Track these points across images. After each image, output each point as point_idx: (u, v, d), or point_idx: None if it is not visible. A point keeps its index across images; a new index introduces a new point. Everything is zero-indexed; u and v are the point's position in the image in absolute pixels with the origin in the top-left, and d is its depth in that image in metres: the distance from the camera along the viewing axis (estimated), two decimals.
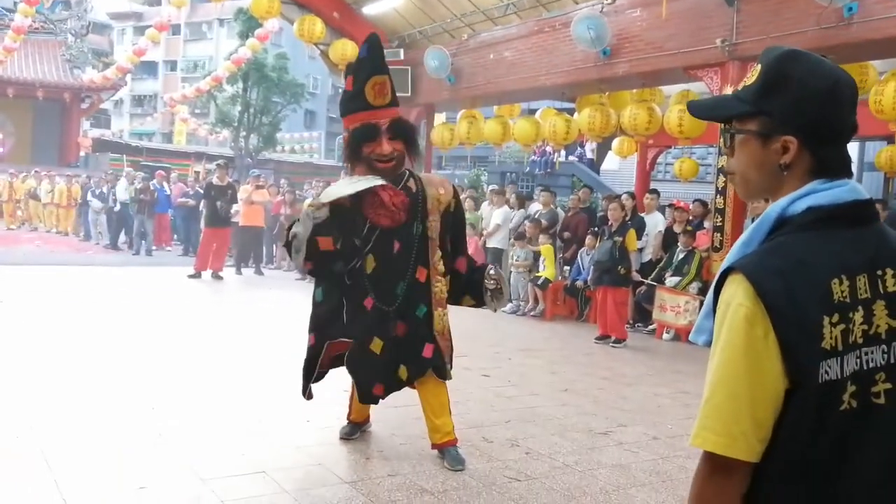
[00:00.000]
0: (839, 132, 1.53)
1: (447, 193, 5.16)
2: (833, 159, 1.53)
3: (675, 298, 10.35)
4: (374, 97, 4.85)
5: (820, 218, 1.47)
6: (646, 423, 6.20)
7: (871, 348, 1.44)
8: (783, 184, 1.55)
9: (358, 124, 4.87)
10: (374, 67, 4.87)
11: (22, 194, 25.99)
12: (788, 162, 1.53)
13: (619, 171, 28.44)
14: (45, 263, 15.87)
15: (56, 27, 35.58)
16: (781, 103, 1.53)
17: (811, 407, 1.37)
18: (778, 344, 1.37)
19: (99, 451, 4.78)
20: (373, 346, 4.88)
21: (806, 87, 1.51)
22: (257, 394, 6.41)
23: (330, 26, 16.56)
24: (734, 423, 1.38)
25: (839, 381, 1.39)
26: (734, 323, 1.40)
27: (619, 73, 12.02)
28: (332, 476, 4.65)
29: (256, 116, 35.83)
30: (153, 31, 25.32)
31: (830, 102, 1.51)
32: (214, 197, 14.69)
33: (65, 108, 35.44)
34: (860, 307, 1.43)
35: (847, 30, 8.92)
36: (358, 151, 4.86)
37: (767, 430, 1.39)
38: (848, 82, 1.53)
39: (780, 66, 1.55)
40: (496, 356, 8.50)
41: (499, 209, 13.42)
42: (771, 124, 1.55)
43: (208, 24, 54.77)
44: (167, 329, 9.18)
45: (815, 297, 1.39)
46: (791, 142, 1.52)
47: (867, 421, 1.42)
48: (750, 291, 1.39)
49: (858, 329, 1.42)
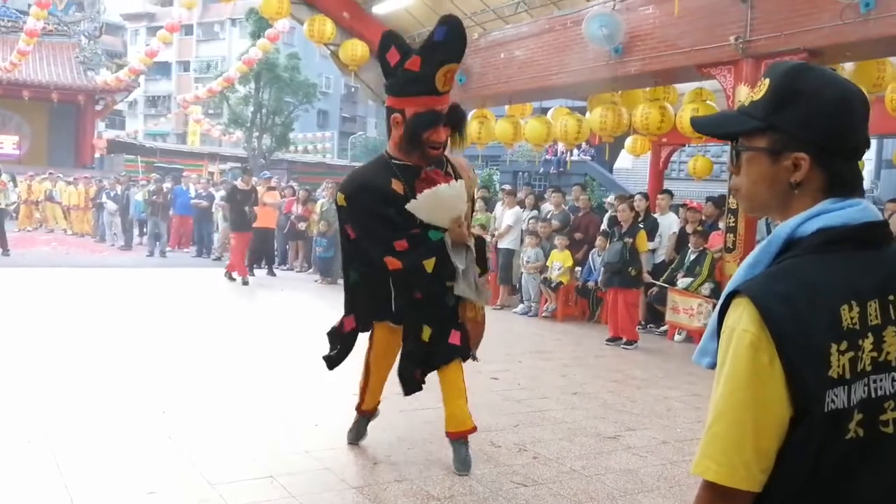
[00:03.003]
0: (853, 147, 1.48)
1: (474, 180, 5.17)
2: (846, 176, 1.48)
3: (687, 301, 10.28)
4: (444, 84, 4.71)
5: (831, 240, 1.43)
6: (655, 427, 6.17)
7: (881, 376, 1.39)
8: (793, 202, 1.50)
9: (422, 109, 4.70)
10: (453, 53, 4.70)
11: (39, 196, 26.15)
12: (800, 180, 1.48)
13: (632, 170, 28.33)
14: (60, 265, 15.98)
15: (69, 29, 35.77)
16: (792, 118, 1.48)
17: (816, 436, 1.33)
18: (783, 372, 1.33)
19: (109, 455, 4.80)
20: (423, 335, 4.88)
21: (818, 101, 1.46)
22: (266, 397, 6.42)
23: (340, 26, 16.55)
24: (736, 452, 1.35)
25: (846, 409, 1.35)
26: (739, 349, 1.36)
27: (631, 71, 11.94)
28: (339, 481, 4.64)
29: (269, 117, 35.97)
30: (165, 32, 25.37)
31: (844, 117, 1.46)
32: (241, 201, 14.55)
33: (79, 110, 35.69)
34: (870, 334, 1.38)
35: (864, 26, 8.82)
36: (419, 137, 4.70)
37: (770, 459, 1.35)
38: (860, 96, 1.49)
39: (791, 80, 1.50)
40: (506, 358, 8.46)
41: (510, 210, 13.38)
42: (781, 140, 1.49)
43: (220, 25, 54.92)
44: (178, 331, 9.21)
45: (824, 324, 1.35)
46: (803, 158, 1.47)
47: (874, 450, 1.38)
48: (755, 317, 1.35)
49: (868, 356, 1.38)
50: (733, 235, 9.88)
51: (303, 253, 17.77)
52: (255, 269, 16.02)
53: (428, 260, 4.68)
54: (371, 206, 4.76)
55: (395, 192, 4.74)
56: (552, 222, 12.77)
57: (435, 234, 4.75)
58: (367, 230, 4.82)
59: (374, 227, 4.78)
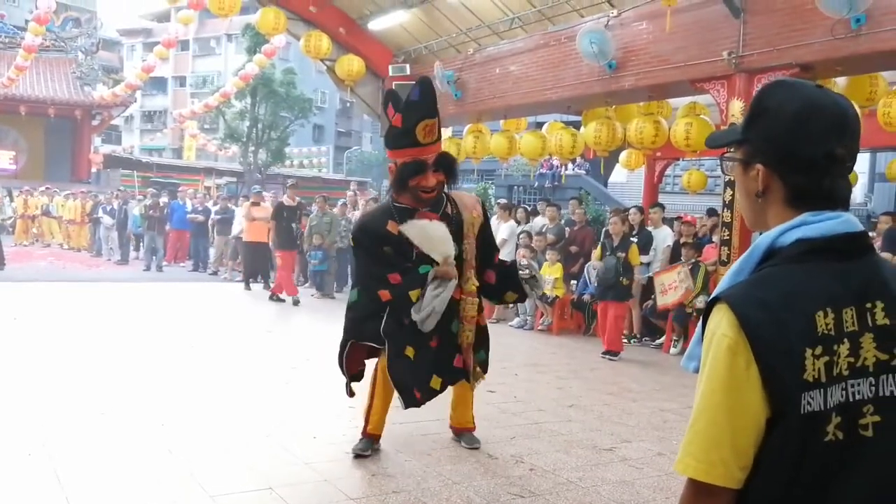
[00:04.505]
0: (808, 161, 1.51)
1: (479, 215, 5.67)
2: (805, 189, 1.53)
3: (670, 276, 10.58)
4: (424, 137, 5.28)
5: (809, 250, 1.48)
6: (651, 439, 6.21)
7: (858, 381, 1.44)
8: (765, 213, 1.59)
9: (408, 159, 5.30)
10: (427, 111, 5.29)
11: (35, 211, 26.17)
12: (760, 189, 1.56)
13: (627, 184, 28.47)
14: (57, 279, 16.00)
15: (66, 45, 35.86)
16: (757, 132, 1.57)
17: (794, 437, 1.39)
18: (760, 374, 1.39)
19: (110, 468, 4.82)
20: (406, 353, 5.31)
21: (777, 115, 1.53)
22: (265, 409, 6.45)
23: (336, 42, 16.65)
24: (714, 450, 1.41)
25: (822, 412, 1.40)
26: (717, 353, 1.43)
27: (625, 86, 12.03)
28: (337, 492, 4.68)
29: (265, 131, 36.03)
30: (161, 47, 25.46)
31: (798, 130, 1.51)
32: (287, 218, 14.17)
33: (76, 125, 35.72)
34: (846, 340, 1.43)
35: (855, 41, 8.91)
36: (405, 183, 5.31)
37: (749, 457, 1.41)
38: (833, 111, 1.52)
39: (761, 94, 1.59)
40: (503, 371, 8.50)
41: (505, 223, 13.43)
42: (749, 153, 1.59)
43: (216, 40, 55.02)
44: (176, 345, 9.23)
45: (799, 329, 1.41)
46: (760, 169, 1.56)
47: (854, 452, 1.43)
48: (733, 322, 1.42)
49: (844, 361, 1.43)
50: (727, 248, 9.95)
51: (298, 267, 17.76)
52: (252, 284, 16.05)
53: (413, 291, 5.24)
54: (368, 246, 5.43)
55: (389, 232, 5.33)
56: (547, 236, 12.81)
57: (425, 268, 5.30)
58: (367, 266, 5.49)
59: (371, 265, 5.43)
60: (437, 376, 5.39)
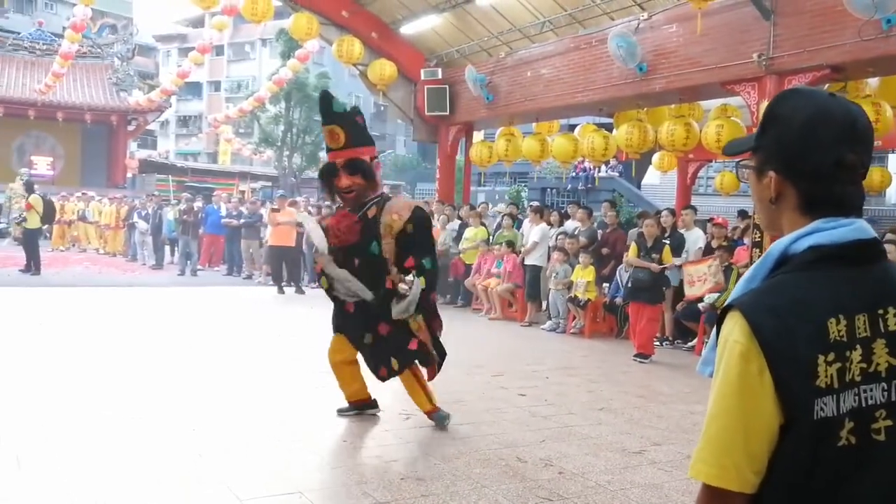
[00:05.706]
0: (818, 168, 1.52)
1: (400, 219, 5.95)
2: (817, 196, 1.54)
3: (699, 268, 10.63)
4: (329, 142, 6.04)
5: (821, 257, 1.49)
6: (681, 442, 6.19)
7: (871, 386, 1.45)
8: (779, 219, 1.60)
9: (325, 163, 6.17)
10: (324, 119, 6.07)
11: (71, 216, 26.52)
12: (773, 196, 1.58)
13: (660, 186, 28.31)
14: (93, 284, 16.21)
15: (103, 51, 36.39)
16: (769, 139, 1.59)
17: (807, 442, 1.40)
18: (772, 380, 1.40)
19: (141, 473, 4.88)
20: (366, 340, 6.09)
21: (787, 123, 1.55)
22: (296, 413, 6.51)
23: (368, 46, 16.75)
24: (726, 455, 1.43)
25: (835, 417, 1.41)
26: (730, 359, 1.45)
27: (656, 88, 12.01)
28: (366, 496, 4.71)
29: (299, 136, 36.31)
30: (196, 53, 25.70)
31: (807, 138, 1.52)
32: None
33: (112, 131, 36.20)
34: (858, 346, 1.45)
35: (886, 42, 8.83)
36: (327, 184, 6.12)
37: (762, 462, 1.42)
38: (843, 118, 1.53)
39: (774, 103, 1.61)
40: (533, 375, 8.52)
41: (537, 226, 13.43)
42: (761, 160, 1.61)
43: (251, 45, 55.47)
44: (209, 349, 9.33)
45: (811, 336, 1.42)
46: (771, 176, 1.57)
47: (867, 457, 1.44)
48: (745, 329, 1.43)
49: (856, 367, 1.44)
50: (759, 250, 9.89)
51: None
52: (285, 287, 16.17)
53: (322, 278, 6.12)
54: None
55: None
56: (580, 238, 12.78)
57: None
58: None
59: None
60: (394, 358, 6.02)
